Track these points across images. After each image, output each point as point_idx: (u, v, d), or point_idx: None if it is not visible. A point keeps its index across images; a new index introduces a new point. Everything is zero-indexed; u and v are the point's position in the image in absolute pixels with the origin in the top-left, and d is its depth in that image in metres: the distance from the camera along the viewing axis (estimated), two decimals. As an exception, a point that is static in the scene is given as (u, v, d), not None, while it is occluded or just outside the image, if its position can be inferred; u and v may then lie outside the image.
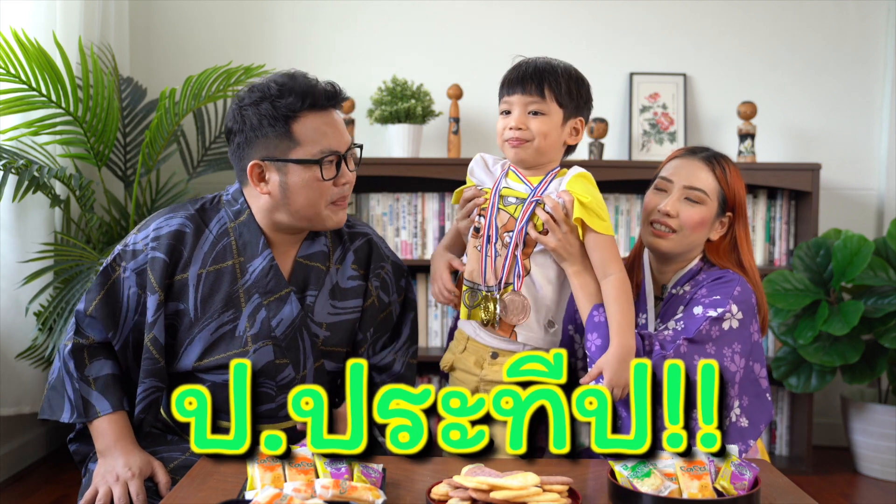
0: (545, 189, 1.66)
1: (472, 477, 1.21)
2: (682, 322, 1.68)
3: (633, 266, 1.88)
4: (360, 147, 1.71)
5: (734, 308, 1.68)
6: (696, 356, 1.63)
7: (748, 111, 3.22)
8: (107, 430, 1.64)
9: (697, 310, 1.69)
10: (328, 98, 1.64)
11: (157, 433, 1.75)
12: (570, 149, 1.73)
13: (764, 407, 1.74)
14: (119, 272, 1.67)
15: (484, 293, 1.69)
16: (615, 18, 3.43)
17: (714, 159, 1.80)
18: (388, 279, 1.81)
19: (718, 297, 1.69)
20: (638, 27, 3.43)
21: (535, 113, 1.64)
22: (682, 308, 1.74)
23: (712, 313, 1.66)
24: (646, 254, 1.87)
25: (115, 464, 1.60)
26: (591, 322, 1.67)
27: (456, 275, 1.79)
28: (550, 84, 1.63)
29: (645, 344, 1.66)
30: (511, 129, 1.64)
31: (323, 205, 1.64)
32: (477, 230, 1.71)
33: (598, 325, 1.66)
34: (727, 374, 1.65)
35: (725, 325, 1.67)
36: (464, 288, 1.73)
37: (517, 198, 1.68)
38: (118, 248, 1.70)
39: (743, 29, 3.42)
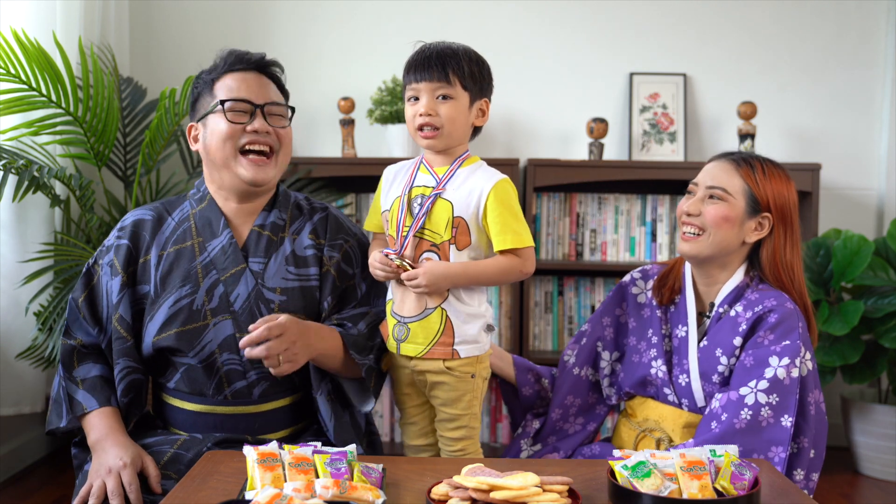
0: (450, 178, 1.67)
1: (472, 477, 1.21)
2: (764, 381, 1.65)
3: (668, 276, 1.88)
4: (292, 109, 1.81)
5: (807, 355, 1.69)
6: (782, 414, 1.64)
7: (748, 111, 3.22)
8: (97, 423, 1.69)
9: (770, 369, 1.65)
10: (249, 61, 1.77)
11: (146, 423, 1.80)
12: (476, 131, 1.74)
13: (824, 428, 1.73)
14: (99, 270, 1.80)
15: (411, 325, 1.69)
16: (615, 18, 3.43)
17: (743, 159, 1.78)
18: (353, 253, 1.85)
19: (788, 342, 1.67)
20: (638, 27, 3.43)
21: (444, 97, 1.64)
22: (750, 360, 1.69)
23: (785, 374, 1.64)
24: (686, 266, 1.86)
25: (106, 457, 1.63)
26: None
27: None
28: (454, 68, 1.64)
29: (721, 416, 1.65)
30: (421, 115, 1.64)
31: (231, 150, 1.73)
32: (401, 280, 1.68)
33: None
34: (811, 422, 1.67)
35: (804, 372, 1.67)
36: (393, 322, 1.72)
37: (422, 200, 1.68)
38: (99, 249, 1.83)
39: (743, 29, 3.42)
